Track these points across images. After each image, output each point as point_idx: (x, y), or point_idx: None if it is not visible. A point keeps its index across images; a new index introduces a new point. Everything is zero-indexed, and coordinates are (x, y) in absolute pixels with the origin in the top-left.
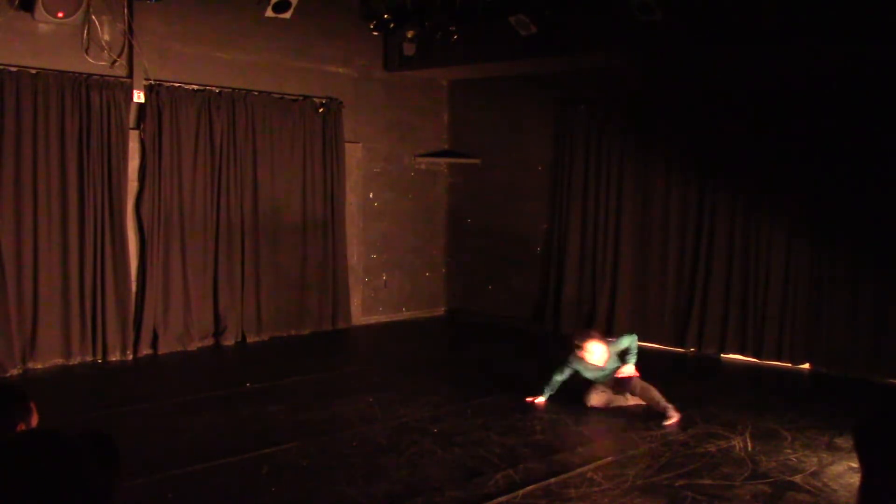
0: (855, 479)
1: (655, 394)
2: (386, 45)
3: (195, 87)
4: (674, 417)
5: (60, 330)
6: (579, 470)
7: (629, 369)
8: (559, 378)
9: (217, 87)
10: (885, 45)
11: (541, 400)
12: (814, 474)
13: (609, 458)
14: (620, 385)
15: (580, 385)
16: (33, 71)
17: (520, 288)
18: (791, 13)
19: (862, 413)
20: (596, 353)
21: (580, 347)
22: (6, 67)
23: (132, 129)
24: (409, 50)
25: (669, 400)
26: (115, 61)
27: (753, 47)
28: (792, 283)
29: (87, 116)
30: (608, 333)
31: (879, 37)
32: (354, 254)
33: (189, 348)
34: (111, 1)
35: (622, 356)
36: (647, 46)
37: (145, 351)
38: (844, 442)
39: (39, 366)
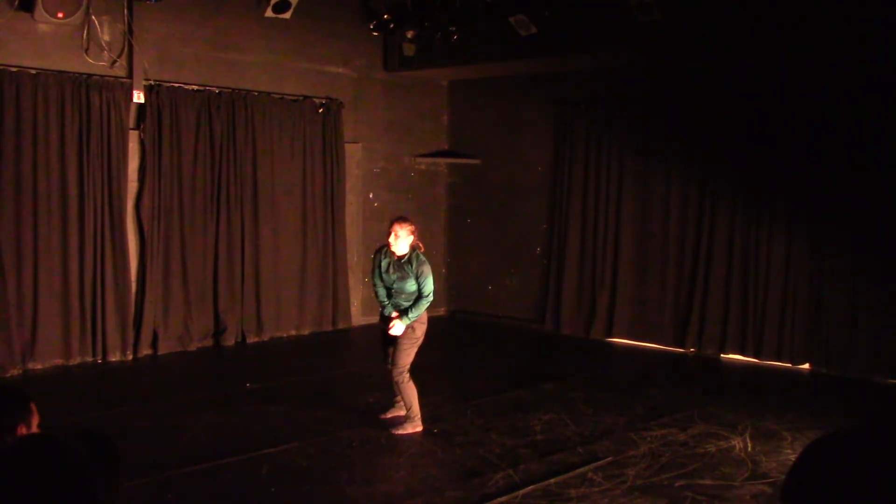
0: None
1: (409, 395)
2: (386, 45)
3: (195, 87)
4: (407, 430)
5: (60, 330)
6: (579, 470)
7: (399, 328)
8: (374, 280)
9: (217, 87)
10: (885, 44)
11: (394, 314)
12: None
13: (609, 458)
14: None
15: (579, 388)
16: (33, 71)
17: (520, 288)
18: (791, 13)
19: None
20: (401, 238)
21: (389, 232)
22: (6, 67)
23: (132, 129)
24: (409, 50)
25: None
26: (115, 61)
27: (753, 47)
28: (792, 284)
29: (87, 116)
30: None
31: (879, 36)
32: (354, 254)
33: (189, 348)
34: (111, 1)
35: (416, 290)
36: (647, 46)
37: (145, 351)
38: None
39: (39, 366)
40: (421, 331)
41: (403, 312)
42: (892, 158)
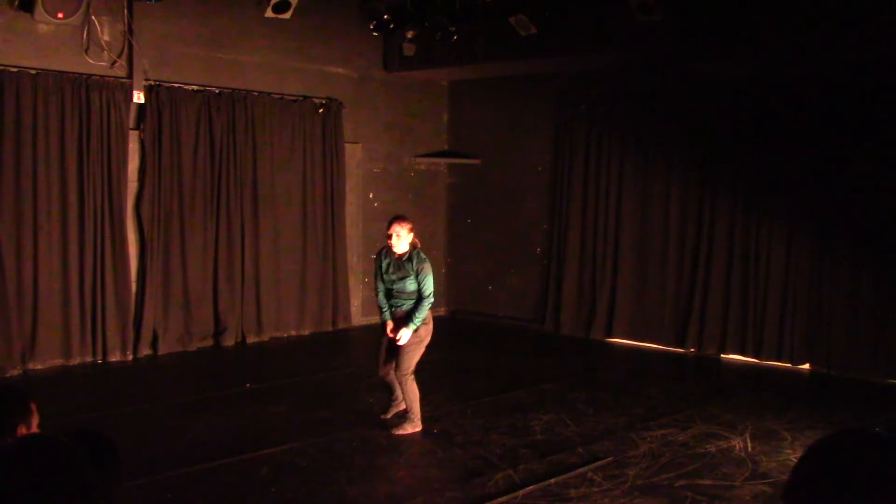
0: None
1: (412, 397)
2: (386, 45)
3: (195, 87)
4: (407, 430)
5: (60, 330)
6: (579, 470)
7: (406, 336)
8: (376, 283)
9: (217, 87)
10: (885, 44)
11: (391, 325)
12: None
13: (609, 458)
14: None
15: (579, 388)
16: (33, 71)
17: (520, 288)
18: (791, 13)
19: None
20: (402, 238)
21: (388, 235)
22: (6, 67)
23: (132, 129)
24: (409, 50)
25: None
26: (114, 62)
27: (752, 47)
28: (792, 284)
29: (87, 116)
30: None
31: (880, 36)
32: (354, 254)
33: (189, 349)
34: (111, 1)
35: (416, 289)
36: (647, 46)
37: (145, 351)
38: None
39: (39, 366)
40: (425, 331)
41: (407, 319)
42: (892, 159)
